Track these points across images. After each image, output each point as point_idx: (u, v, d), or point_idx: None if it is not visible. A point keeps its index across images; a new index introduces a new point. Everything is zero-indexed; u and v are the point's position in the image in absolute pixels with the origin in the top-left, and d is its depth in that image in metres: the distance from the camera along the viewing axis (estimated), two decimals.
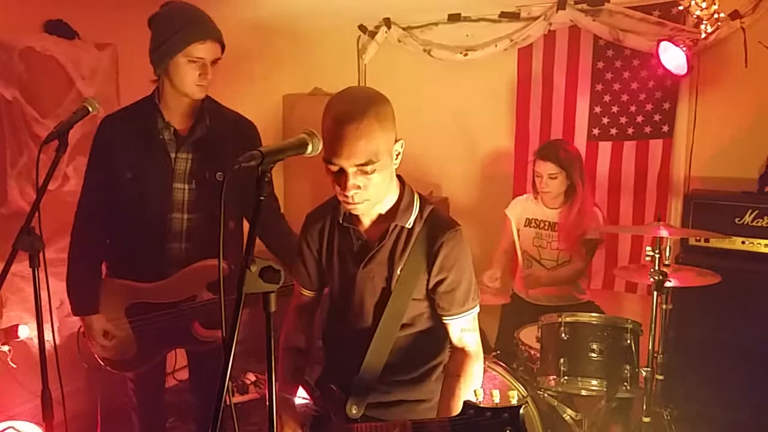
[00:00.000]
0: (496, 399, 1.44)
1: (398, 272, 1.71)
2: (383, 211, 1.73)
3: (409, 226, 1.72)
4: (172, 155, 2.23)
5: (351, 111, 1.54)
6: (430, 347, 1.83)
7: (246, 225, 2.40)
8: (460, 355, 1.77)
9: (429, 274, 1.71)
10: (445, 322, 1.76)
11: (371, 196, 1.62)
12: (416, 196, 1.78)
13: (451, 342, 1.80)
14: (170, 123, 2.22)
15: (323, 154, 1.54)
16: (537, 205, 3.39)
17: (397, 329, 1.73)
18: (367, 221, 1.75)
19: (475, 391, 1.49)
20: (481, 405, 1.44)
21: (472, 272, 1.76)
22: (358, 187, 1.58)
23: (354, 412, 1.72)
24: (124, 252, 2.34)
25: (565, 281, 3.30)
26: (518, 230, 3.37)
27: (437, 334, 1.82)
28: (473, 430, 1.42)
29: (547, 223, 3.34)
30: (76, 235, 2.34)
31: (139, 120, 2.22)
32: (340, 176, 1.57)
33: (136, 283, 2.30)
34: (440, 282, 1.71)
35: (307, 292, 1.95)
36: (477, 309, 1.78)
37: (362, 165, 1.54)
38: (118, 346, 2.35)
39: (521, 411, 1.39)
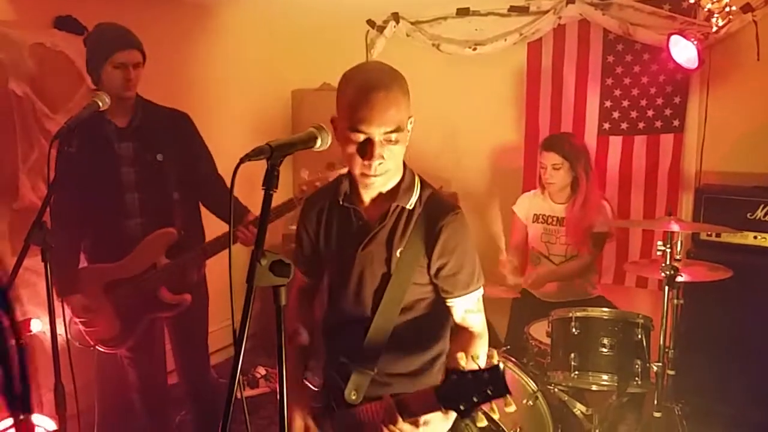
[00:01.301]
0: (478, 361, 1.44)
1: (398, 254, 1.69)
2: (384, 191, 1.72)
3: (410, 207, 1.71)
4: (116, 145, 2.55)
5: (379, 79, 1.57)
6: (430, 334, 1.81)
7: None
8: (464, 334, 1.75)
9: (430, 258, 1.69)
10: (448, 304, 1.75)
11: (390, 168, 1.63)
12: (417, 179, 1.76)
13: (454, 323, 1.79)
14: (111, 120, 2.55)
15: (348, 125, 1.56)
16: (544, 200, 3.38)
17: (397, 313, 1.71)
18: (367, 200, 1.74)
19: (458, 355, 1.48)
20: (462, 368, 1.43)
21: (475, 254, 1.75)
22: (382, 157, 1.58)
23: (354, 397, 1.71)
24: (93, 236, 2.65)
25: (572, 276, 3.29)
26: (526, 226, 3.37)
27: (437, 321, 1.81)
28: (457, 395, 1.41)
29: (554, 219, 3.34)
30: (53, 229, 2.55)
31: (87, 121, 2.44)
32: (366, 146, 1.57)
33: (105, 265, 2.61)
34: (442, 266, 1.70)
35: (302, 276, 1.95)
36: (481, 290, 1.77)
37: (390, 132, 1.56)
38: (103, 324, 2.61)
39: (501, 368, 1.39)
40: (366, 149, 1.57)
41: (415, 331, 1.76)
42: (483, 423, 1.46)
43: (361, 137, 1.56)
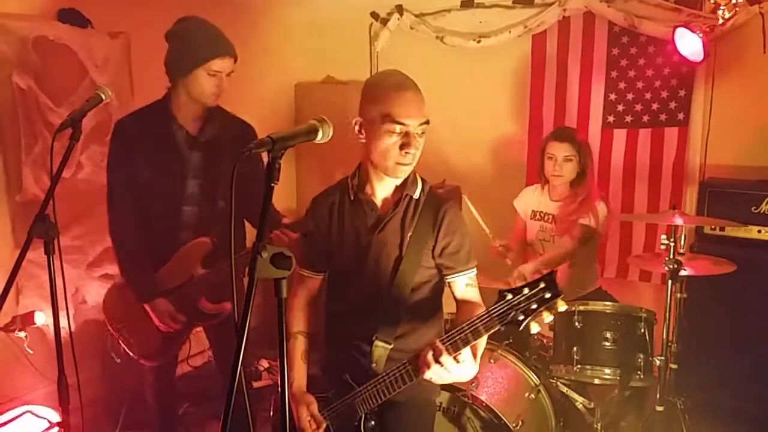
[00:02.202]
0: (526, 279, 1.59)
1: (408, 237, 1.91)
2: (402, 179, 1.93)
3: (417, 197, 1.95)
4: (185, 154, 2.43)
5: (407, 81, 1.85)
6: (433, 313, 2.04)
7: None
8: (467, 305, 1.96)
9: (436, 239, 1.92)
10: (449, 281, 1.98)
11: (417, 157, 1.87)
12: (417, 173, 1.99)
13: (456, 299, 2.00)
14: (183, 125, 2.41)
15: (387, 119, 1.77)
16: (542, 196, 3.34)
17: (409, 291, 1.92)
18: (380, 193, 1.96)
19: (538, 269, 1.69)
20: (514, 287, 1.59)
21: (469, 235, 1.99)
22: (416, 148, 1.83)
23: (375, 366, 1.90)
24: (144, 245, 2.48)
25: (554, 263, 3.11)
26: (525, 222, 3.34)
27: (437, 303, 2.06)
28: (516, 309, 1.55)
29: (550, 216, 3.29)
30: (116, 232, 2.48)
31: (154, 123, 2.42)
32: (404, 137, 1.80)
33: None
34: (447, 245, 1.93)
35: (312, 274, 2.09)
36: (475, 269, 1.99)
37: (423, 124, 1.82)
38: (146, 337, 2.52)
39: (552, 274, 1.54)
40: (405, 141, 1.80)
41: (421, 309, 1.98)
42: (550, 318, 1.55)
43: (401, 129, 1.79)
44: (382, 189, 1.95)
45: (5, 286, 1.80)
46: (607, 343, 2.64)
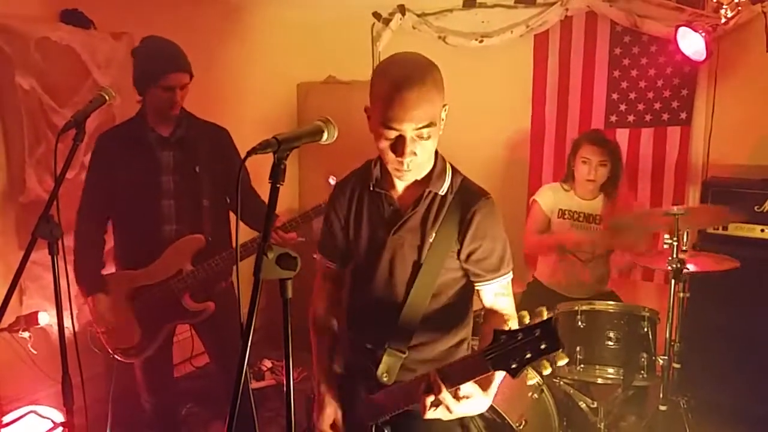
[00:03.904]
0: (526, 320, 1.43)
1: (430, 241, 1.70)
2: (419, 177, 1.72)
3: (443, 193, 1.73)
4: (158, 153, 2.57)
5: (411, 76, 1.55)
6: (457, 320, 1.83)
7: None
8: (495, 317, 1.76)
9: (461, 243, 1.71)
10: (477, 288, 1.77)
11: (422, 162, 1.65)
12: (448, 165, 1.78)
13: (484, 307, 1.81)
14: (154, 128, 2.58)
15: (381, 120, 1.56)
16: (570, 195, 3.31)
17: (428, 298, 1.73)
18: (401, 187, 1.76)
19: (520, 314, 1.47)
20: (510, 329, 1.43)
21: (505, 239, 1.76)
22: (414, 154, 1.59)
23: (386, 379, 1.73)
24: (127, 240, 2.63)
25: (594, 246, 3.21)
26: (549, 218, 3.32)
27: (464, 307, 1.84)
28: (509, 355, 1.40)
29: (582, 215, 3.28)
30: (76, 231, 2.59)
31: (130, 131, 2.61)
32: (397, 142, 1.58)
33: (130, 271, 2.59)
34: (474, 251, 1.71)
35: (332, 265, 1.93)
36: (510, 274, 1.78)
37: (422, 128, 1.56)
38: (124, 332, 2.58)
39: (552, 321, 1.38)
40: (397, 146, 1.58)
41: (443, 316, 1.78)
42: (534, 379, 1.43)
43: (393, 134, 1.57)
44: (402, 182, 1.74)
45: (9, 286, 1.80)
46: (610, 343, 2.64)
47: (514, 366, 1.39)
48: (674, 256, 2.65)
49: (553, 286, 3.35)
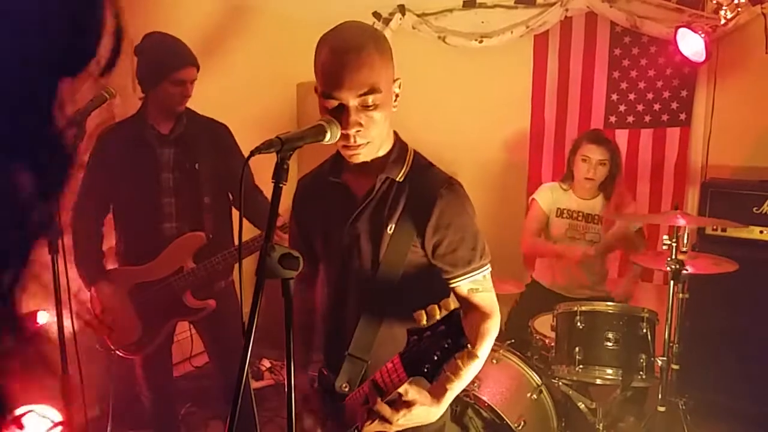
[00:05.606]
0: (437, 315, 1.26)
1: (389, 232, 1.53)
2: (372, 157, 1.54)
3: (400, 180, 1.55)
4: (157, 151, 2.57)
5: (350, 40, 1.46)
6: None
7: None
8: (473, 315, 1.58)
9: (423, 236, 1.52)
10: (452, 286, 1.57)
11: (373, 137, 1.48)
12: (411, 151, 1.62)
13: (462, 305, 1.61)
14: (154, 126, 2.57)
15: (321, 90, 1.46)
16: (568, 195, 3.32)
17: (389, 296, 1.54)
18: (357, 174, 1.59)
19: (430, 307, 1.28)
20: (423, 326, 1.26)
21: (475, 228, 1.57)
22: (360, 125, 1.44)
23: (346, 389, 1.56)
24: (128, 237, 2.64)
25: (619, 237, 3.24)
26: (548, 217, 3.33)
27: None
28: (422, 356, 1.24)
29: (581, 214, 3.29)
30: (73, 223, 2.60)
31: (130, 129, 2.61)
32: (341, 113, 1.43)
33: (132, 267, 2.60)
34: (438, 243, 1.53)
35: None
36: (488, 268, 1.59)
37: (364, 95, 1.42)
38: (125, 328, 2.58)
39: (456, 314, 1.23)
40: (341, 117, 1.42)
41: (410, 318, 1.59)
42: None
43: (335, 103, 1.43)
44: (358, 169, 1.56)
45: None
46: (609, 344, 2.64)
47: (426, 369, 1.24)
48: (673, 257, 2.65)
49: (552, 287, 3.35)
